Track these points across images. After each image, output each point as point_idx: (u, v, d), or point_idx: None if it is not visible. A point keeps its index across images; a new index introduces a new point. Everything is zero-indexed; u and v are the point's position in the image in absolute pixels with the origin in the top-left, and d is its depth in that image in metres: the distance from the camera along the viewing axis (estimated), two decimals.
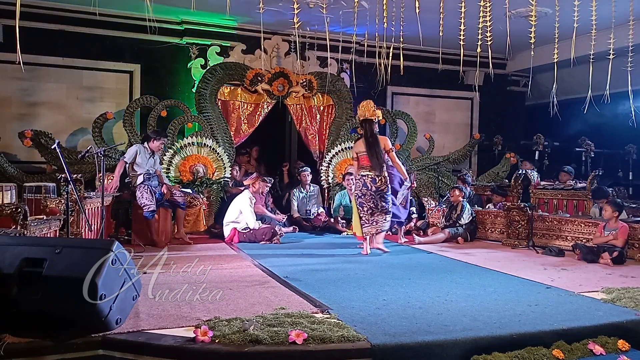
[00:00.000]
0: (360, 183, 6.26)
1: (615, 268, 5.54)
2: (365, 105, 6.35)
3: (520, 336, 3.28)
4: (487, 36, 4.27)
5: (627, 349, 3.38)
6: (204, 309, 3.67)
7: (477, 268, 5.54)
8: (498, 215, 7.58)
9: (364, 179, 6.23)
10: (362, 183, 6.24)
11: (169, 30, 8.51)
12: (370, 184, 6.20)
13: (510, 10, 6.25)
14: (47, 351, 2.96)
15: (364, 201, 6.24)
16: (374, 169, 6.19)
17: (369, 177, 6.20)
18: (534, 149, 9.61)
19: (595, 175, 7.69)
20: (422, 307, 3.86)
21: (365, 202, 6.24)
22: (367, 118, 6.30)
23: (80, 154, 6.27)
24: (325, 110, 9.28)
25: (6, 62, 7.57)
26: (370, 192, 6.20)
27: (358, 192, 6.30)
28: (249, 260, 5.82)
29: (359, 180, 6.28)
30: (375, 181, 6.19)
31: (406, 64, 5.94)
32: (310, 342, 3.02)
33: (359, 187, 6.27)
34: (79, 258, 2.84)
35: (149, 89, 8.48)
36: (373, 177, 6.19)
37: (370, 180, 6.19)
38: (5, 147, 7.70)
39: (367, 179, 6.21)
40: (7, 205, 4.23)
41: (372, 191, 6.19)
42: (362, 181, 6.24)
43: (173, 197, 6.98)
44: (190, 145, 8.10)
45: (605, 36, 4.45)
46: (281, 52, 8.80)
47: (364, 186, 6.22)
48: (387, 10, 4.54)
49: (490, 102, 10.62)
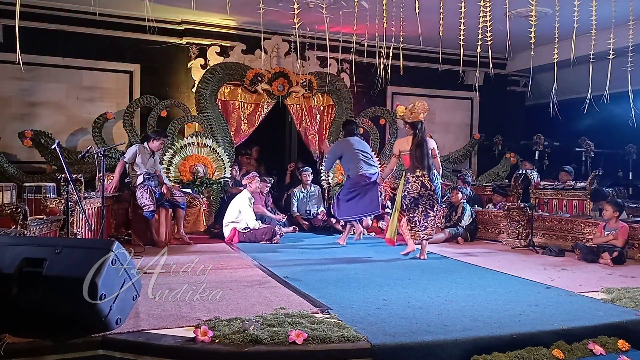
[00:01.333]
0: (417, 184, 5.97)
1: (615, 268, 5.54)
2: (422, 107, 6.05)
3: (520, 336, 3.28)
4: (487, 36, 4.27)
5: (627, 349, 3.38)
6: (204, 309, 3.67)
7: (477, 268, 5.54)
8: (498, 215, 7.58)
9: (421, 180, 5.96)
10: (420, 184, 5.96)
11: (169, 30, 8.52)
12: (429, 183, 5.97)
13: (510, 10, 6.25)
14: (47, 351, 2.96)
15: (420, 202, 6.00)
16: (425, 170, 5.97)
17: (426, 177, 5.96)
18: (534, 149, 9.61)
19: (595, 175, 7.69)
20: (422, 307, 3.86)
21: (422, 203, 6.00)
22: (420, 120, 6.05)
23: (80, 154, 6.27)
24: (325, 110, 9.28)
25: (6, 62, 7.56)
26: (428, 192, 5.98)
27: (414, 194, 5.99)
28: (249, 260, 5.82)
29: (416, 182, 5.97)
30: (432, 181, 5.98)
31: (406, 64, 5.96)
32: (310, 342, 3.01)
33: (417, 188, 5.97)
34: (79, 258, 2.84)
35: (149, 89, 8.48)
36: (430, 178, 5.97)
37: (428, 180, 5.96)
38: (5, 147, 7.70)
39: (424, 179, 5.96)
40: (7, 205, 4.24)
41: (431, 191, 5.98)
42: (419, 182, 5.96)
43: (173, 197, 6.98)
44: (190, 145, 8.11)
45: (605, 36, 4.45)
46: (281, 52, 8.80)
47: (422, 187, 5.95)
48: (387, 10, 4.54)
49: (490, 102, 10.61)
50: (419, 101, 6.14)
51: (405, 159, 6.12)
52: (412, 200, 6.02)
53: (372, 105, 9.53)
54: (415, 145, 6.00)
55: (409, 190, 6.02)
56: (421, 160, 5.97)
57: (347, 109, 9.10)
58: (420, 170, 5.98)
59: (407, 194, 6.03)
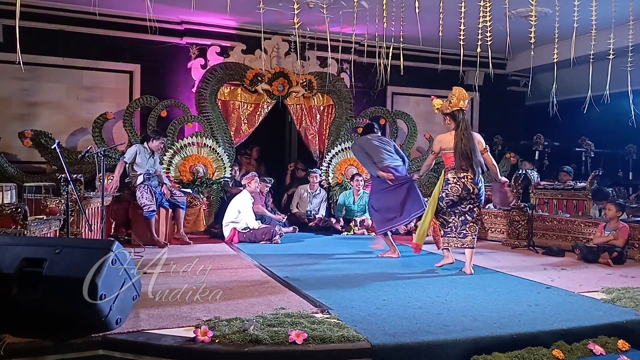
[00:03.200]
0: (458, 186, 5.20)
1: (615, 268, 5.54)
2: (460, 92, 5.28)
3: (520, 336, 3.28)
4: (487, 36, 4.27)
5: (627, 349, 3.38)
6: (204, 309, 3.67)
7: (477, 268, 5.53)
8: (498, 215, 7.58)
9: (462, 181, 5.20)
10: (461, 186, 5.20)
11: (169, 30, 8.51)
12: (472, 186, 5.20)
13: (510, 10, 6.25)
14: (47, 351, 2.96)
15: (459, 207, 5.30)
16: (469, 170, 5.21)
17: (469, 178, 5.21)
18: (534, 149, 9.61)
19: (595, 175, 7.69)
20: (422, 307, 3.86)
21: (460, 209, 5.29)
22: (461, 108, 5.28)
23: (80, 154, 6.27)
24: (325, 110, 9.28)
25: (6, 62, 7.56)
26: (471, 196, 5.24)
27: (454, 197, 5.25)
28: (249, 260, 5.82)
29: (456, 183, 5.21)
30: (476, 183, 5.21)
31: (406, 64, 5.94)
32: (310, 342, 3.01)
33: (457, 190, 5.21)
34: (79, 258, 2.84)
35: (149, 89, 8.47)
36: (474, 179, 5.21)
37: (471, 182, 5.20)
38: (5, 147, 7.69)
39: (466, 181, 5.20)
40: (7, 205, 4.23)
41: (474, 195, 5.24)
42: (460, 183, 5.20)
43: (173, 197, 6.98)
44: (190, 145, 8.11)
45: (605, 36, 4.45)
46: (281, 52, 8.80)
47: (464, 189, 5.20)
48: (387, 10, 4.54)
49: (490, 102, 10.62)
50: (457, 87, 5.40)
51: (447, 158, 5.34)
52: (449, 204, 5.32)
53: (372, 105, 9.53)
54: (459, 141, 5.21)
55: (447, 192, 5.29)
56: (467, 158, 5.19)
57: (347, 109, 9.10)
58: (464, 171, 5.22)
59: (445, 195, 5.31)
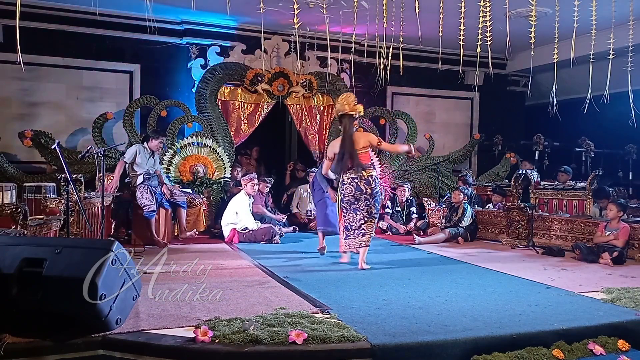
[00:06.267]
0: (352, 187, 5.39)
1: (615, 268, 5.54)
2: (346, 98, 5.49)
3: (520, 336, 3.29)
4: (487, 36, 4.27)
5: (627, 349, 3.38)
6: (204, 309, 3.67)
7: (477, 268, 5.54)
8: (498, 215, 7.58)
9: (356, 182, 5.37)
10: (354, 186, 5.38)
11: (169, 30, 8.51)
12: (365, 186, 5.38)
13: (510, 10, 6.24)
14: (47, 351, 2.96)
15: (357, 207, 5.43)
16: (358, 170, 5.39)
17: (362, 178, 5.38)
18: (534, 149, 9.60)
19: (595, 175, 7.69)
20: (422, 307, 3.86)
21: (359, 208, 5.43)
22: (346, 112, 5.44)
23: (80, 154, 6.26)
24: (325, 110, 9.28)
25: (6, 62, 7.55)
26: (365, 196, 5.40)
27: (350, 198, 5.41)
28: (249, 260, 5.82)
29: (350, 184, 5.39)
30: (369, 183, 5.40)
31: (406, 64, 5.94)
32: (310, 342, 3.02)
33: (351, 191, 5.39)
34: (79, 258, 2.84)
35: (149, 89, 8.47)
36: (367, 179, 5.38)
37: (365, 182, 5.38)
38: (5, 147, 7.69)
39: (360, 182, 5.37)
40: (7, 205, 4.24)
41: (368, 194, 5.40)
42: (354, 184, 5.38)
43: (173, 197, 6.98)
44: (190, 145, 8.11)
45: (605, 36, 4.45)
46: (281, 52, 8.80)
47: (357, 190, 5.37)
48: (387, 10, 4.54)
49: (490, 102, 10.62)
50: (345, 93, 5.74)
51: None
52: (349, 203, 5.45)
53: (372, 105, 9.51)
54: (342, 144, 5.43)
55: (343, 192, 5.46)
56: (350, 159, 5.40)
57: None
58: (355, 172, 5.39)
59: (343, 196, 5.48)
